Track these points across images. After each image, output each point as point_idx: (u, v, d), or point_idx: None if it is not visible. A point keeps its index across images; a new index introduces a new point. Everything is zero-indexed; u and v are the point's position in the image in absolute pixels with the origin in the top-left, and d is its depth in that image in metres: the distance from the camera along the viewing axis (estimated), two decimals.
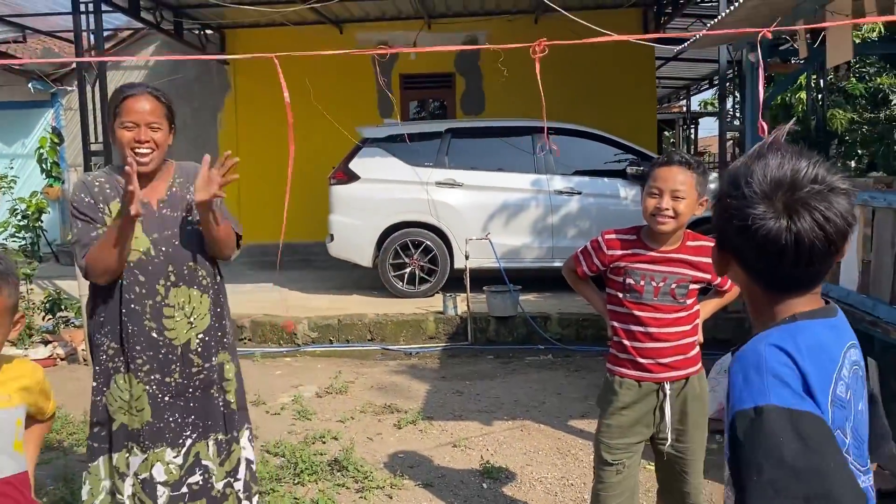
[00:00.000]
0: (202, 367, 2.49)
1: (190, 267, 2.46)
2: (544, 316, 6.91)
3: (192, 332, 2.46)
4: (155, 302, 2.40)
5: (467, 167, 7.98)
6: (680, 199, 2.49)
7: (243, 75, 10.93)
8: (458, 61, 10.78)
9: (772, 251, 1.12)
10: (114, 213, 2.38)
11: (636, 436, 2.66)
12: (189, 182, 2.50)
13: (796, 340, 1.12)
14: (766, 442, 1.05)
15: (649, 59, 10.76)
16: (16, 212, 6.86)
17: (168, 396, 2.44)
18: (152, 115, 2.36)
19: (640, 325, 2.62)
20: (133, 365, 2.41)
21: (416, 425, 4.51)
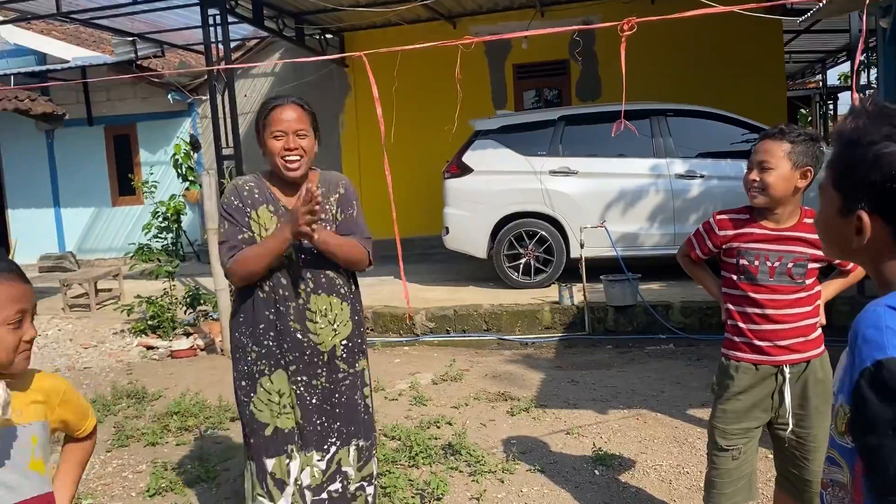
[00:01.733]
0: (347, 372, 2.56)
1: (328, 276, 2.52)
2: (665, 304, 6.71)
3: (336, 338, 2.53)
4: (298, 305, 2.48)
5: (582, 154, 7.86)
6: (768, 171, 2.38)
7: (362, 76, 11.23)
8: (572, 48, 10.61)
9: None
10: (261, 218, 2.49)
11: (753, 421, 2.56)
12: (330, 192, 2.59)
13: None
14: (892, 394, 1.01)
15: (777, 32, 10.17)
16: (157, 214, 7.43)
17: (315, 399, 2.51)
18: (299, 122, 2.45)
19: (756, 306, 2.51)
20: (284, 361, 2.49)
21: (530, 413, 4.52)
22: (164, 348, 6.86)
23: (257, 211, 2.50)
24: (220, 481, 3.80)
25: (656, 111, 7.91)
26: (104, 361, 6.70)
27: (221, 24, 7.69)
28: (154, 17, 10.40)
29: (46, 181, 12.61)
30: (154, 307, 7.09)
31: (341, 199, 2.62)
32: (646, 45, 10.02)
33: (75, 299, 8.76)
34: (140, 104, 12.08)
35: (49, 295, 9.25)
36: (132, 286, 8.66)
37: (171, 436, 4.49)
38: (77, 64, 11.05)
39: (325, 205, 2.54)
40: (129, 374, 6.18)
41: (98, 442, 4.36)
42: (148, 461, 4.13)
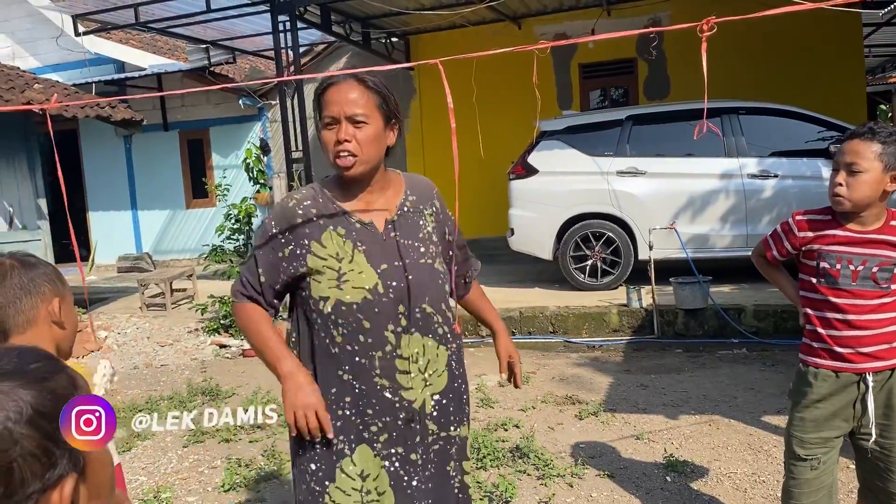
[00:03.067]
0: (437, 435, 1.93)
1: (424, 311, 1.90)
2: (738, 308, 6.53)
3: (426, 391, 1.91)
4: (385, 353, 1.86)
5: (650, 154, 7.72)
6: (856, 174, 2.28)
7: (427, 79, 11.34)
8: (639, 46, 10.45)
9: None
10: (327, 248, 1.88)
11: (833, 430, 2.47)
12: (424, 205, 2.02)
13: None
14: None
15: (855, 25, 9.78)
16: (229, 217, 7.64)
17: (415, 480, 1.88)
18: (355, 105, 1.83)
19: (837, 311, 2.42)
20: (367, 434, 1.86)
21: (598, 417, 4.47)
22: (236, 347, 7.04)
23: (320, 241, 1.89)
24: (287, 478, 3.88)
25: (728, 109, 7.70)
26: (180, 359, 6.92)
27: (291, 31, 7.86)
28: (226, 25, 10.72)
29: (125, 185, 13.13)
30: (226, 307, 7.29)
31: (441, 216, 2.06)
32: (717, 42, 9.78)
33: (152, 298, 9.09)
34: (212, 109, 12.45)
35: (127, 294, 9.62)
36: (205, 286, 8.93)
37: (244, 433, 4.60)
38: (153, 71, 11.47)
39: (418, 221, 1.99)
40: (203, 371, 6.37)
41: (175, 437, 4.53)
42: (222, 457, 4.25)
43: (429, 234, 1.98)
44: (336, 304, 1.85)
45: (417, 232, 1.96)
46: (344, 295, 1.85)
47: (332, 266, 1.87)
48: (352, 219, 1.91)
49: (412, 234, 1.95)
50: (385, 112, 1.90)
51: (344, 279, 1.86)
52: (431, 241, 1.98)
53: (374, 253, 1.89)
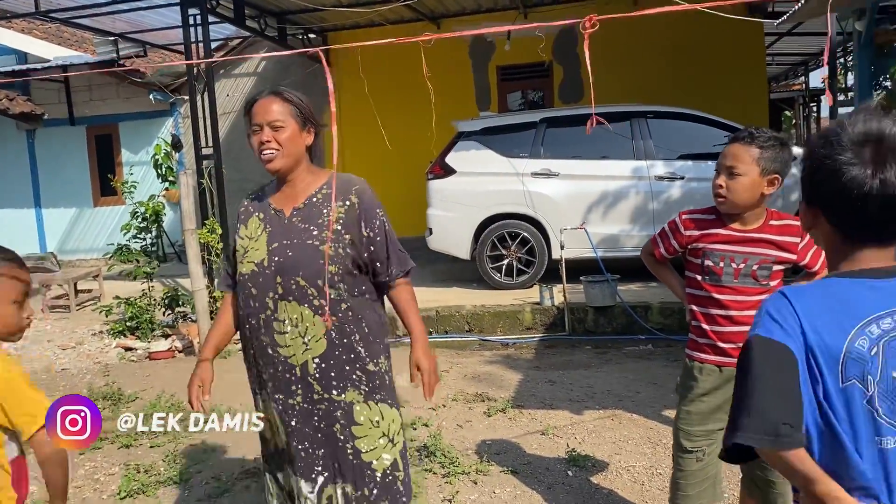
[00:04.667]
0: (322, 396, 2.23)
1: (298, 283, 2.21)
2: (644, 305, 6.73)
3: (308, 353, 2.22)
4: (266, 315, 2.24)
5: (563, 156, 7.87)
6: (735, 176, 2.37)
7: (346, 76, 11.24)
8: (556, 50, 10.65)
9: (857, 195, 1.22)
10: (249, 229, 2.33)
11: (717, 423, 2.56)
12: (338, 195, 2.29)
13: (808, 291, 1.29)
14: (742, 362, 1.28)
15: (758, 35, 10.25)
16: (136, 215, 7.38)
17: (294, 421, 2.25)
18: (274, 114, 2.25)
19: (721, 308, 2.51)
20: (261, 380, 2.32)
21: (506, 413, 4.52)
22: (142, 350, 6.81)
23: (247, 224, 2.35)
24: (192, 484, 3.78)
25: (637, 113, 7.94)
26: (82, 363, 6.64)
27: (202, 24, 7.65)
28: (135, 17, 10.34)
29: (27, 181, 12.52)
30: (132, 308, 7.04)
31: (357, 210, 2.28)
32: (628, 48, 10.09)
33: (55, 300, 8.69)
34: (122, 104, 12.01)
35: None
36: (112, 287, 8.60)
37: (145, 438, 4.45)
38: (58, 63, 10.97)
39: (322, 209, 2.27)
40: (106, 375, 6.13)
41: None
42: (121, 463, 4.11)
43: (326, 223, 2.25)
44: (239, 275, 2.32)
45: (317, 218, 2.27)
46: (242, 267, 2.30)
47: (245, 245, 2.32)
48: (270, 206, 2.35)
49: (311, 220, 2.28)
50: (299, 118, 2.30)
51: (247, 254, 2.30)
52: (328, 228, 2.25)
53: (274, 234, 2.29)
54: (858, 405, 1.22)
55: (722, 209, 2.47)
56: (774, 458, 1.25)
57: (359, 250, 2.27)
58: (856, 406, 1.22)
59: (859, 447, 1.23)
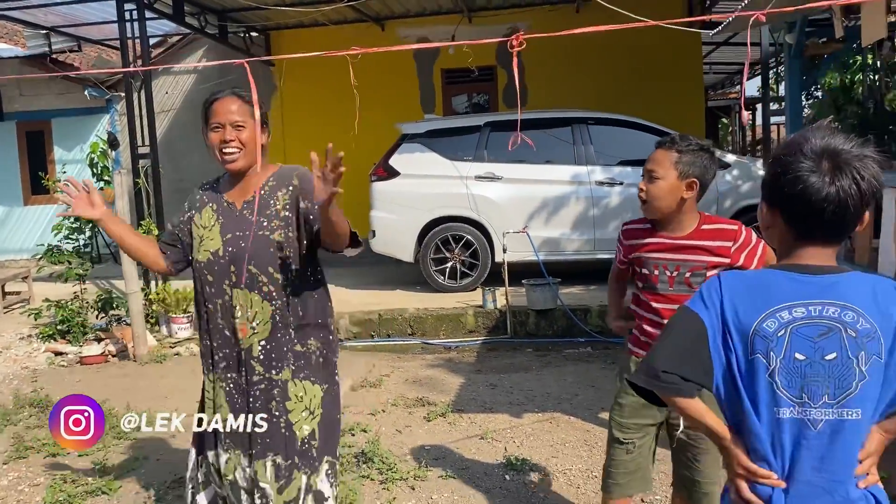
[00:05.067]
0: (262, 376, 2.40)
1: (251, 272, 2.39)
2: (584, 308, 6.83)
3: (254, 337, 2.41)
4: (224, 301, 2.42)
5: (506, 160, 7.93)
6: (655, 180, 2.40)
7: (288, 77, 11.12)
8: (500, 54, 10.73)
9: (816, 199, 1.40)
10: (203, 218, 2.50)
11: (648, 418, 2.60)
12: (281, 185, 2.45)
13: (738, 276, 1.51)
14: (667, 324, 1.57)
15: (696, 44, 10.51)
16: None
17: (239, 398, 2.44)
18: (236, 114, 2.37)
19: (657, 316, 2.53)
20: (213, 360, 2.47)
21: (446, 418, 4.52)
22: (73, 354, 6.59)
23: (201, 213, 2.51)
24: (120, 493, 3.67)
25: (578, 119, 8.05)
26: (8, 368, 6.39)
27: (139, 20, 7.45)
28: (69, 11, 10.01)
29: None
30: (63, 311, 6.80)
31: (299, 191, 2.43)
32: (569, 54, 10.23)
33: None
34: (55, 100, 11.61)
35: None
36: (42, 289, 8.29)
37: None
38: None
39: (269, 201, 2.44)
40: (34, 381, 5.91)
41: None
42: (47, 474, 3.96)
43: (276, 212, 2.43)
44: (195, 262, 2.49)
45: (266, 209, 2.44)
46: (199, 255, 2.47)
47: (200, 234, 2.49)
48: (223, 199, 2.51)
49: (260, 211, 2.44)
50: (261, 119, 2.45)
51: (202, 244, 2.47)
52: (278, 217, 2.43)
53: (227, 225, 2.45)
54: (762, 377, 1.42)
55: (645, 213, 2.50)
56: (667, 401, 1.53)
57: (301, 225, 2.43)
58: (759, 377, 1.42)
59: (759, 413, 1.43)
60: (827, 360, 1.41)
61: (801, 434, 1.42)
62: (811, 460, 1.41)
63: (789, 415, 1.42)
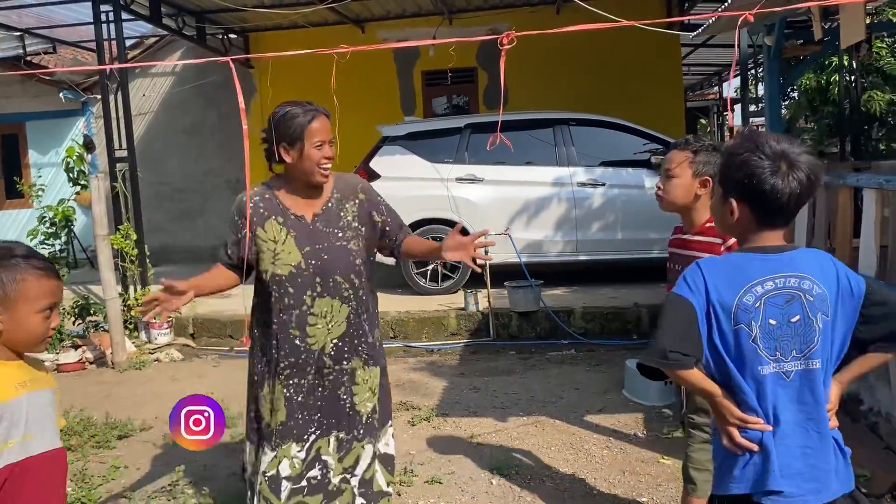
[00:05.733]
0: (332, 368, 2.63)
1: (336, 280, 2.60)
2: (567, 310, 6.82)
3: (328, 336, 2.61)
4: (301, 311, 2.59)
5: (487, 162, 7.91)
6: (671, 178, 2.53)
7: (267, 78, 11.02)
8: (480, 56, 10.72)
9: (779, 196, 1.68)
10: (268, 232, 2.62)
11: None
12: (347, 198, 2.69)
13: (715, 262, 1.76)
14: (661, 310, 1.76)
15: (675, 46, 10.56)
16: (44, 219, 7.01)
17: (300, 396, 2.61)
18: (331, 133, 2.64)
19: None
20: (277, 369, 2.62)
21: (430, 422, 4.49)
22: (49, 362, 6.47)
23: (264, 227, 2.63)
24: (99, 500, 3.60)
25: (560, 120, 8.06)
26: None
27: (115, 21, 7.35)
28: (44, 12, 9.86)
29: None
30: None
31: (366, 204, 2.73)
32: (549, 55, 10.24)
33: None
34: (30, 102, 11.42)
35: None
36: None
37: None
38: None
39: (339, 212, 2.66)
40: None
41: None
42: None
43: (348, 223, 2.67)
44: (272, 275, 2.61)
45: (338, 221, 2.65)
46: (276, 269, 2.59)
47: (270, 247, 2.61)
48: (289, 211, 2.65)
49: (333, 223, 2.65)
50: None
51: (278, 257, 2.59)
52: (350, 227, 2.66)
53: (301, 238, 2.61)
54: (746, 343, 1.68)
55: (662, 208, 2.62)
56: (672, 375, 1.74)
57: (373, 235, 2.73)
58: (743, 343, 1.68)
59: (743, 372, 1.69)
60: (793, 323, 1.69)
61: (778, 384, 1.69)
62: (789, 404, 1.69)
63: (768, 371, 1.69)
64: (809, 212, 4.63)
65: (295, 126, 2.56)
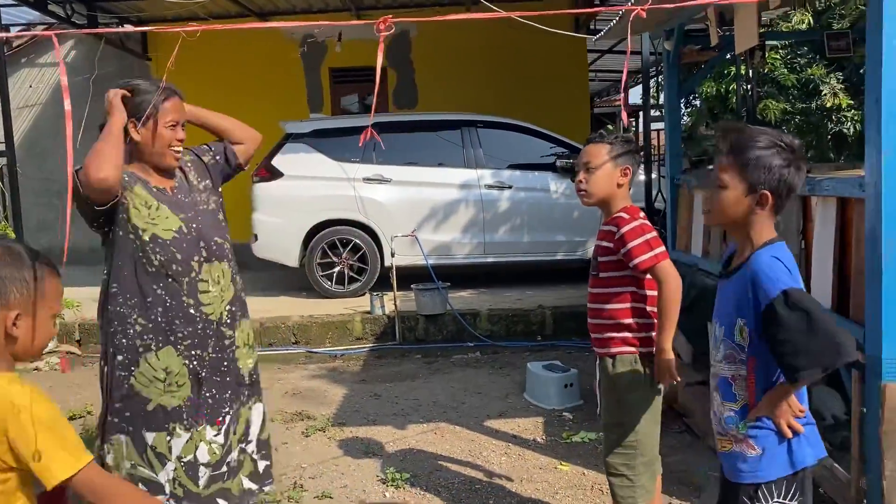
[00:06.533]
0: (232, 337, 2.55)
1: (216, 242, 2.54)
2: (474, 313, 6.75)
3: (223, 304, 2.53)
4: (191, 279, 2.47)
5: (395, 162, 7.78)
6: (591, 171, 2.52)
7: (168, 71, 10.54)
8: (390, 54, 10.57)
9: (795, 186, 1.84)
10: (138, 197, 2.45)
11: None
12: (195, 167, 2.66)
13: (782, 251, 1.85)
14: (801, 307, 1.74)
15: (582, 51, 10.71)
16: None
17: (205, 371, 2.48)
18: (184, 115, 2.56)
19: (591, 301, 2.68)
20: (174, 338, 2.44)
21: (326, 432, 4.31)
22: None
23: (133, 189, 2.46)
24: None
25: (467, 122, 8.01)
26: None
27: None
28: None
29: None
30: None
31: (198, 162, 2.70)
32: (460, 57, 10.21)
33: None
34: None
35: None
36: None
37: None
38: None
39: (188, 180, 2.61)
40: None
41: None
42: None
43: (199, 185, 2.61)
44: (152, 236, 2.43)
45: (192, 188, 2.59)
46: (156, 231, 2.43)
47: (143, 212, 2.44)
48: (150, 184, 2.51)
49: (192, 190, 2.59)
50: None
51: (154, 220, 2.43)
52: (205, 189, 2.62)
53: (173, 206, 2.49)
54: None
55: (585, 202, 2.58)
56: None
57: (218, 175, 2.70)
58: None
59: None
60: None
61: None
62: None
63: None
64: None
65: (147, 103, 2.42)
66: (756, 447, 1.87)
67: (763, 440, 1.86)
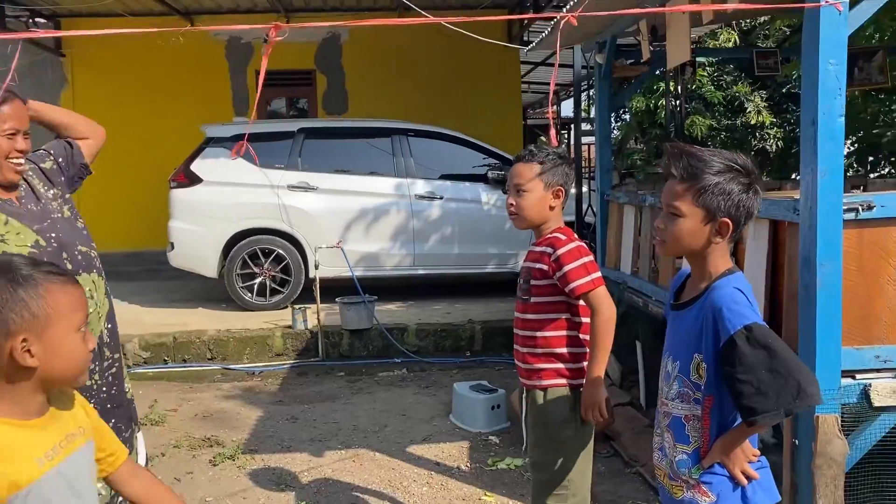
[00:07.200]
0: (112, 359, 2.31)
1: (81, 252, 2.27)
2: (401, 327, 6.52)
3: (101, 321, 2.27)
4: None
5: (322, 170, 7.49)
6: (523, 193, 2.35)
7: (82, 69, 10.00)
8: (319, 58, 10.29)
9: (753, 210, 1.71)
10: None
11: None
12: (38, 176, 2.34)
13: (743, 282, 1.71)
14: (764, 343, 1.61)
15: (514, 62, 10.64)
16: None
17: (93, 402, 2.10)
18: (27, 122, 2.21)
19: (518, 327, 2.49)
20: None
21: (235, 461, 4.00)
22: None
23: None
24: None
25: (398, 130, 7.80)
26: None
27: None
28: None
29: None
30: None
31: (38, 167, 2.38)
32: (393, 64, 10.01)
33: None
34: None
35: None
36: None
37: None
38: None
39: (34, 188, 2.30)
40: None
41: None
42: None
43: (48, 193, 2.32)
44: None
45: (41, 197, 2.28)
46: (11, 247, 2.10)
47: None
48: None
49: (40, 199, 2.28)
50: None
51: (3, 237, 2.13)
52: (55, 198, 2.32)
53: (23, 218, 2.19)
54: None
55: (517, 226, 2.44)
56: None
57: (64, 180, 2.40)
58: None
59: None
60: None
61: None
62: None
63: None
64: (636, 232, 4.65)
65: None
66: (710, 494, 1.74)
67: (717, 486, 1.73)
